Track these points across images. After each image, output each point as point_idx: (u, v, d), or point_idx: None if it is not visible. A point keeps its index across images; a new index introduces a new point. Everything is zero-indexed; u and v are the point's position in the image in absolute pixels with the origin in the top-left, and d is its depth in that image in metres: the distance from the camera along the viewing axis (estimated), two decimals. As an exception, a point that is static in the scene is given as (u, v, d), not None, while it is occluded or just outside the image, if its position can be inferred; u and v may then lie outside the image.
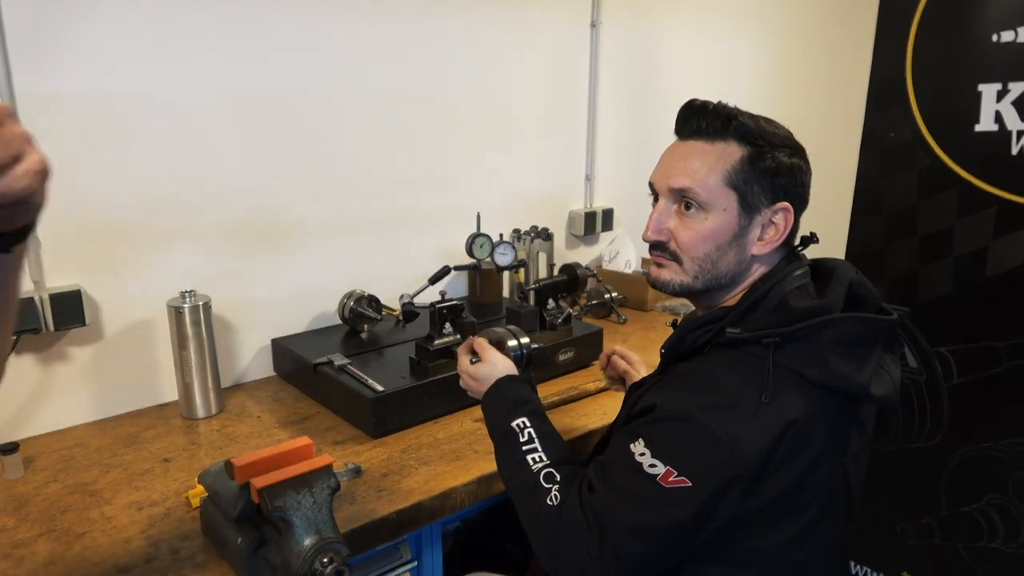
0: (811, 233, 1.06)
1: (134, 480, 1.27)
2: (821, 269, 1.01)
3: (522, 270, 1.93)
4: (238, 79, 1.60)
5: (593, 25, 2.20)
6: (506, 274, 2.00)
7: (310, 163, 1.74)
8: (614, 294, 2.14)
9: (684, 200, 0.97)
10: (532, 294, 1.69)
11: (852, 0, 2.86)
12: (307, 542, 0.92)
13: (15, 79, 1.34)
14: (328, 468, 0.99)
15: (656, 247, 1.02)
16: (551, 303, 1.69)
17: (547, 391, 1.58)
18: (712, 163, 0.96)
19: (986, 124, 1.57)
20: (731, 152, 0.96)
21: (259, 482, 0.94)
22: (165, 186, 1.54)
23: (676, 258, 1.00)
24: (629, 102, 2.35)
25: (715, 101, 0.99)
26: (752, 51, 2.74)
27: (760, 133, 0.95)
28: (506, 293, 2.04)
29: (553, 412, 1.52)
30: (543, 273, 2.08)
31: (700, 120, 0.98)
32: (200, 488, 1.16)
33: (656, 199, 1.03)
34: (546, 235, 2.08)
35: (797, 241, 1.04)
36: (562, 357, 1.69)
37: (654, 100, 2.39)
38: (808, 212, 1.04)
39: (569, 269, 1.75)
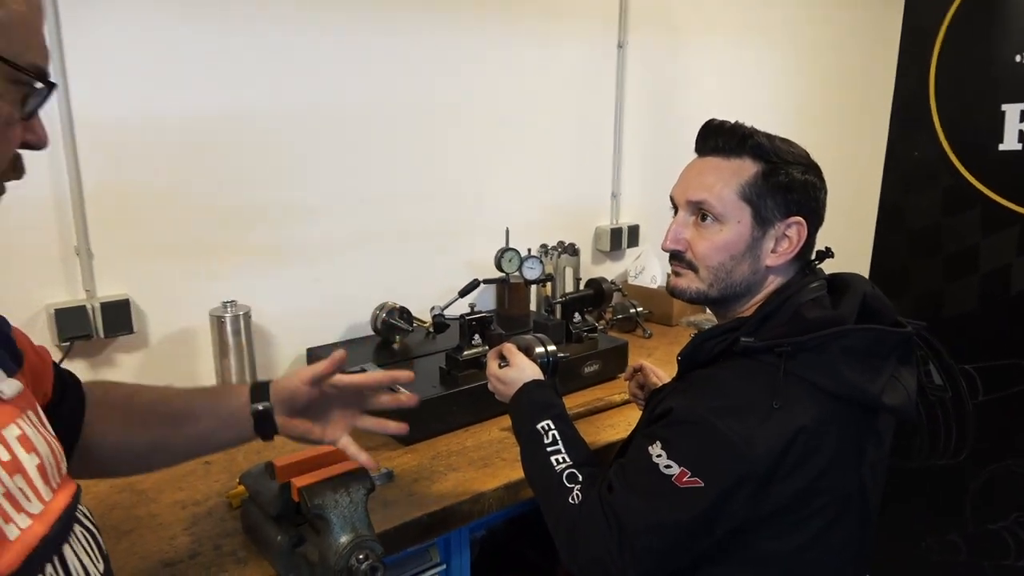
0: (826, 248, 1.10)
1: (177, 480, 1.33)
2: (837, 283, 1.05)
3: (549, 284, 1.98)
4: (275, 98, 1.67)
5: (620, 46, 2.25)
6: (533, 288, 2.05)
7: (345, 178, 1.81)
8: (639, 309, 2.17)
9: (701, 212, 1.03)
10: (559, 307, 1.73)
11: (876, 20, 2.89)
12: (344, 539, 0.97)
13: (73, 103, 1.42)
14: (364, 469, 1.04)
15: (674, 257, 1.07)
16: (577, 316, 1.73)
17: (573, 402, 1.62)
18: (727, 178, 1.01)
19: (1010, 143, 1.59)
20: (746, 168, 1.01)
21: (299, 481, 0.99)
22: (208, 201, 1.62)
23: (692, 267, 1.05)
24: (655, 120, 2.39)
25: (732, 121, 1.04)
26: (778, 70, 2.77)
27: (774, 151, 1.00)
28: (533, 307, 2.09)
29: (579, 422, 1.56)
30: (570, 287, 2.13)
31: (717, 138, 1.03)
32: (241, 488, 1.21)
33: (676, 212, 1.08)
34: (573, 250, 2.13)
35: (813, 255, 1.08)
36: (588, 369, 1.73)
37: (680, 119, 2.42)
38: (832, 228, 1.08)
39: (595, 283, 1.79)
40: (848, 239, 2.71)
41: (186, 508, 1.24)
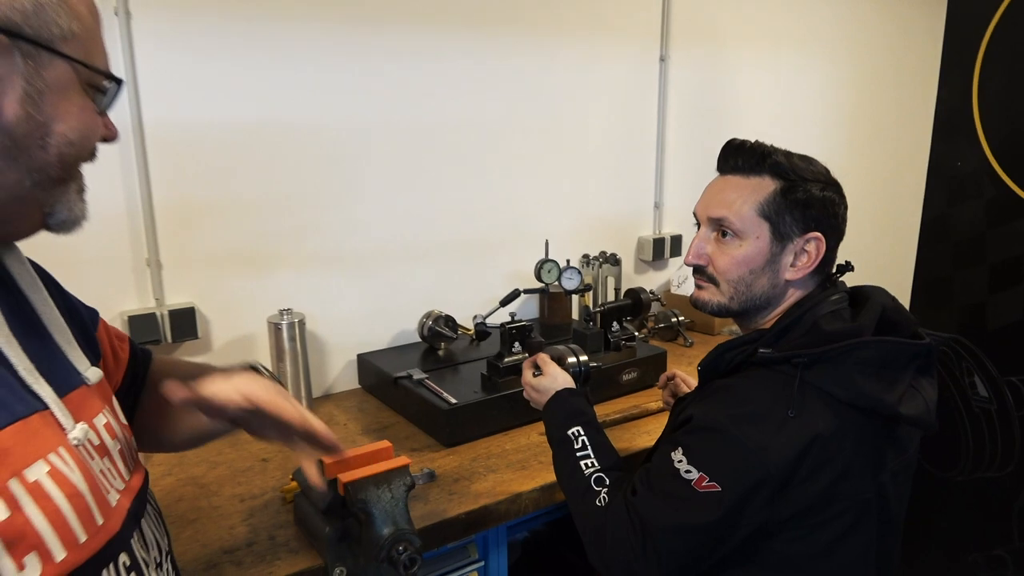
0: (847, 262, 1.13)
1: (237, 476, 1.43)
2: (858, 296, 1.08)
3: (588, 293, 2.03)
4: (332, 119, 1.78)
5: (662, 59, 2.29)
6: (575, 298, 2.10)
7: (395, 193, 1.90)
8: (681, 318, 2.20)
9: (721, 228, 1.07)
10: (598, 316, 1.78)
11: (919, 31, 2.87)
12: (385, 532, 1.05)
13: (145, 126, 1.55)
14: (405, 467, 1.11)
15: (697, 271, 1.12)
16: (615, 325, 1.78)
17: (610, 408, 1.67)
18: (746, 196, 1.05)
19: (1054, 153, 1.58)
20: (764, 186, 1.05)
21: (345, 477, 1.07)
22: (267, 216, 1.73)
23: (714, 281, 1.09)
24: (698, 131, 2.42)
25: (752, 140, 1.08)
26: (822, 80, 2.76)
27: (792, 169, 1.04)
28: (575, 315, 2.14)
29: (615, 429, 1.61)
30: (611, 297, 2.17)
31: (738, 158, 1.08)
32: (294, 484, 1.30)
33: (699, 227, 1.12)
34: (614, 260, 2.17)
35: (834, 269, 1.11)
36: (626, 377, 1.77)
37: (723, 130, 2.45)
38: (876, 239, 1.11)
39: (633, 293, 1.84)
40: (892, 250, 2.71)
41: (244, 501, 1.34)
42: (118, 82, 0.68)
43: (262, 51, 1.66)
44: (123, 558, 0.63)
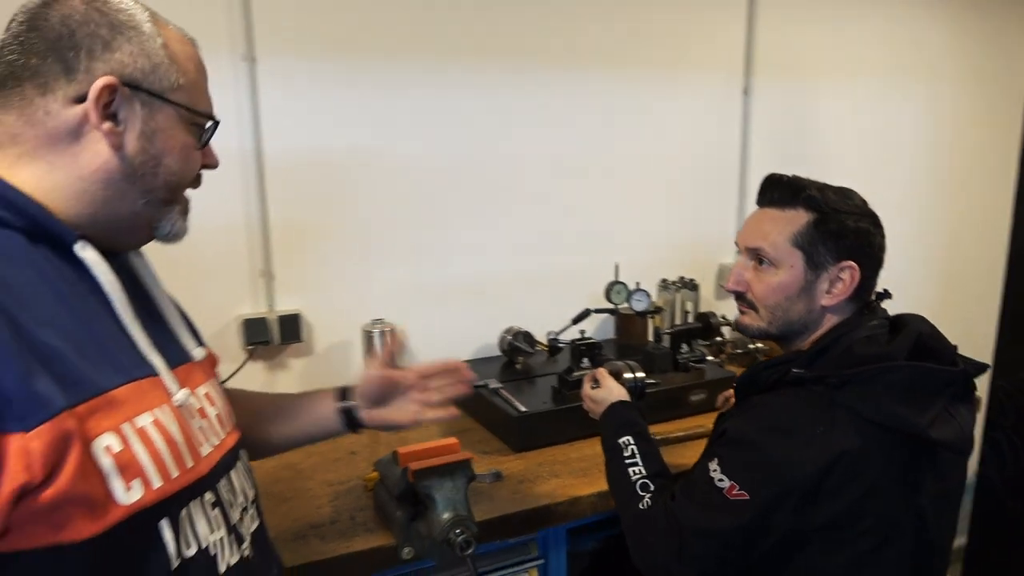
0: (884, 289, 1.17)
1: (328, 465, 1.61)
2: (899, 323, 1.12)
3: (659, 315, 2.11)
4: (426, 150, 1.96)
5: (745, 92, 2.35)
6: (650, 320, 2.18)
7: (481, 217, 2.06)
8: (759, 344, 2.23)
9: (758, 257, 1.14)
10: (667, 338, 1.86)
11: (1010, 59, 2.78)
12: (445, 516, 1.18)
13: (264, 153, 1.78)
14: (467, 461, 1.24)
15: (738, 297, 1.19)
16: (684, 347, 1.85)
17: (675, 427, 1.73)
18: (782, 227, 1.12)
19: None
20: (799, 218, 1.11)
21: (414, 466, 1.21)
22: (366, 234, 1.93)
23: (753, 306, 1.16)
24: (781, 162, 2.44)
25: (789, 175, 1.16)
26: (912, 113, 2.72)
27: (825, 202, 1.10)
28: (650, 337, 2.22)
29: (678, 446, 1.67)
30: (691, 320, 2.23)
31: (774, 191, 1.15)
32: (375, 474, 1.46)
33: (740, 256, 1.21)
34: (692, 285, 2.24)
35: (872, 297, 1.16)
36: (693, 398, 1.83)
37: (807, 161, 2.48)
38: (965, 270, 1.14)
39: (704, 317, 1.90)
40: (978, 280, 2.62)
41: (332, 486, 1.50)
42: (215, 122, 0.86)
43: (366, 89, 1.86)
44: (208, 496, 0.78)
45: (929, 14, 2.65)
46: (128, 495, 0.67)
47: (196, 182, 0.87)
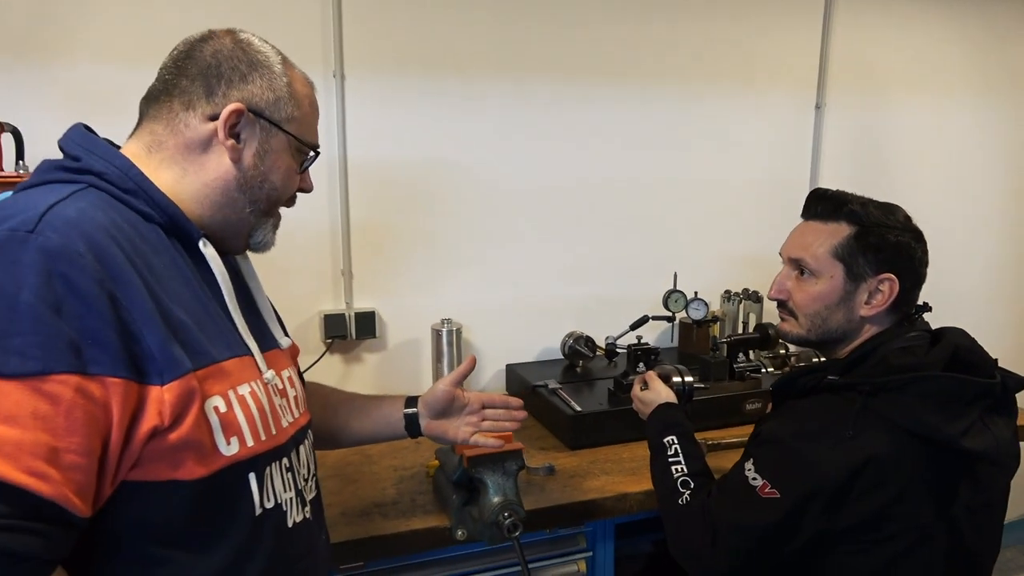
0: (924, 302, 1.19)
1: (395, 452, 1.73)
2: (939, 336, 1.15)
3: (717, 324, 2.14)
4: (501, 158, 2.07)
5: (818, 107, 2.36)
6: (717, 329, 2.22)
7: (550, 228, 2.16)
8: (823, 359, 2.23)
9: (800, 267, 1.19)
10: (724, 347, 1.90)
11: None
12: (495, 500, 1.27)
13: (349, 163, 1.93)
14: (518, 451, 1.32)
15: (780, 305, 1.24)
16: (741, 356, 1.88)
17: (729, 433, 1.78)
18: (823, 239, 1.17)
19: None
20: (840, 231, 1.16)
21: (469, 453, 1.31)
22: (438, 239, 2.06)
23: (793, 314, 1.21)
24: (853, 178, 2.43)
25: (834, 190, 1.20)
26: (996, 128, 2.64)
27: (867, 216, 1.14)
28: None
29: (730, 452, 1.71)
30: (751, 331, 2.25)
31: (818, 205, 1.20)
32: (436, 462, 1.57)
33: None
34: (756, 298, 2.26)
35: (913, 310, 1.19)
36: (749, 406, 1.87)
37: (881, 177, 2.45)
38: None
39: (762, 328, 1.92)
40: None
41: (397, 471, 1.63)
42: (317, 152, 1.00)
43: (444, 104, 2.00)
44: (284, 461, 0.91)
45: (1019, 24, 2.58)
46: (228, 448, 0.80)
47: (291, 201, 1.01)
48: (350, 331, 1.96)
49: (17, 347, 0.65)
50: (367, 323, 1.98)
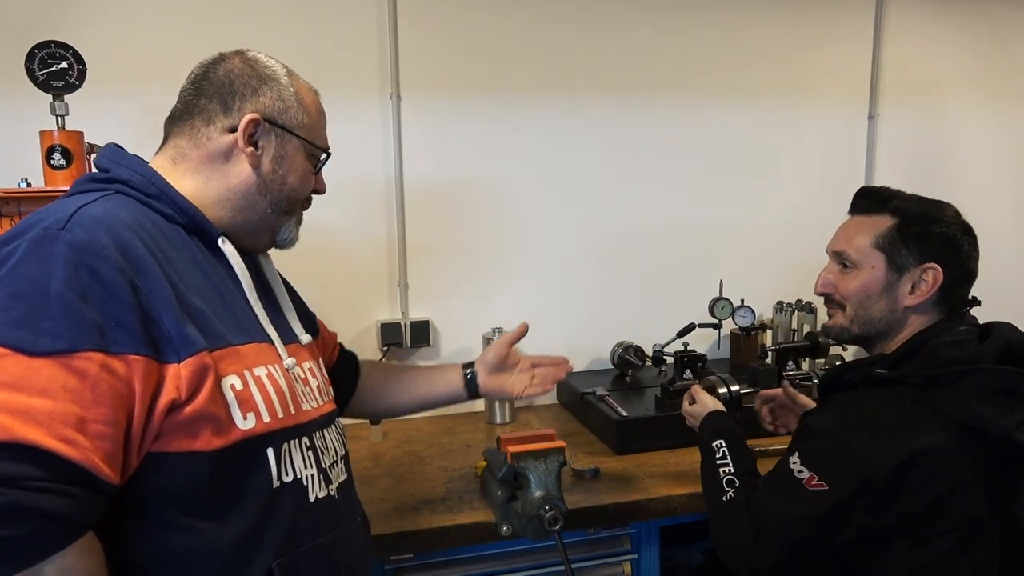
0: (973, 297, 1.19)
1: (445, 454, 1.80)
2: (988, 331, 1.14)
3: (767, 333, 2.14)
4: (550, 173, 2.14)
5: (871, 117, 2.34)
6: (769, 339, 2.21)
7: (602, 241, 2.21)
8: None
9: (842, 261, 1.21)
10: (773, 355, 1.90)
11: None
12: (538, 494, 1.32)
13: (405, 181, 2.02)
14: (560, 449, 1.37)
15: (826, 301, 1.25)
16: (791, 365, 1.88)
17: (776, 440, 1.77)
18: (866, 231, 1.19)
19: None
20: (882, 222, 1.18)
21: (513, 449, 1.36)
22: (488, 252, 2.13)
23: (840, 306, 1.22)
24: (909, 187, 2.39)
25: (880, 186, 1.22)
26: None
27: (911, 208, 1.16)
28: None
29: (777, 457, 1.71)
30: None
31: (864, 201, 1.22)
32: (483, 463, 1.62)
33: None
34: (809, 308, 2.24)
35: (961, 306, 1.18)
36: (799, 415, 1.86)
37: (937, 186, 2.38)
38: None
39: (812, 337, 1.91)
40: None
41: (447, 471, 1.69)
42: (328, 154, 1.09)
43: (493, 122, 2.08)
44: (305, 440, 0.97)
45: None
46: (244, 423, 0.88)
47: (307, 202, 1.11)
48: (405, 339, 2.05)
49: (48, 329, 0.73)
50: (421, 332, 2.06)
